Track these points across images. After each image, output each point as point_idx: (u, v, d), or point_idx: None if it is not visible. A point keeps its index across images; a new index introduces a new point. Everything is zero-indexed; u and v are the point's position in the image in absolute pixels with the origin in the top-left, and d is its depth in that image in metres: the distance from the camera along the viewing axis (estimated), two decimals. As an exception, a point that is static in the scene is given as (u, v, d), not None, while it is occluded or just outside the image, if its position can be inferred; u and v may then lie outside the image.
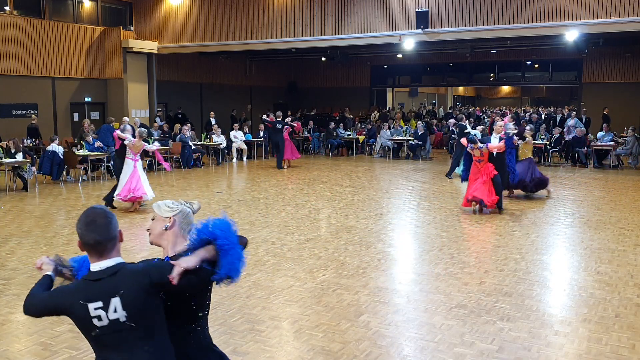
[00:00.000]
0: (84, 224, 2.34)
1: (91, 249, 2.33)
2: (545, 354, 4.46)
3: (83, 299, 2.26)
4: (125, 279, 2.28)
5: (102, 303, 2.25)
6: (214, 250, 2.38)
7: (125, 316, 2.26)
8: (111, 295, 2.25)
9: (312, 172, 16.07)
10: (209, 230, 2.39)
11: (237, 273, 2.41)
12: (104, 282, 2.27)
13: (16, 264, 6.97)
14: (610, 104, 22.00)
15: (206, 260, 2.36)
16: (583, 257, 7.28)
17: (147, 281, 2.28)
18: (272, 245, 7.83)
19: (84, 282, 2.33)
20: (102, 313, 2.25)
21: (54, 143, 13.90)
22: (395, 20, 17.02)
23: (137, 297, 2.27)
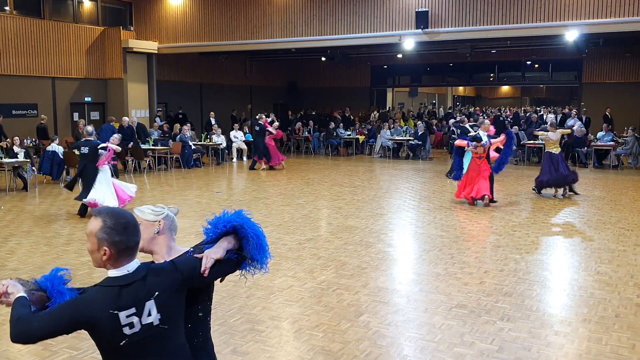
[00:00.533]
0: (120, 230, 2.10)
1: (126, 254, 2.13)
2: (545, 354, 4.46)
3: (114, 308, 2.06)
4: (158, 280, 2.16)
5: (135, 309, 2.09)
6: (234, 239, 2.35)
7: (159, 319, 2.14)
8: (146, 299, 2.12)
9: (312, 172, 16.07)
10: (227, 221, 2.35)
11: (265, 257, 2.39)
12: (137, 286, 2.11)
13: (16, 264, 6.97)
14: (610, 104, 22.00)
15: (229, 250, 2.33)
16: (583, 257, 7.28)
17: (179, 278, 2.20)
18: (272, 245, 7.81)
19: (111, 289, 2.09)
20: (134, 319, 2.09)
21: (54, 143, 13.90)
22: (395, 20, 17.02)
23: (170, 297, 2.17)
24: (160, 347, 2.16)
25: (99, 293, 2.10)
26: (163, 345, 2.16)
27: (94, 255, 2.15)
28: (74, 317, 2.04)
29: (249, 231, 2.35)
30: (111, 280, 2.12)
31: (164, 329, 2.15)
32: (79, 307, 2.06)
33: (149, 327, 2.11)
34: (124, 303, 2.07)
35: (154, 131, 18.54)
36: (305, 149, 22.17)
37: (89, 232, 2.13)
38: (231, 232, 2.36)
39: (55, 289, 2.28)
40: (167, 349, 2.18)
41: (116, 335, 2.06)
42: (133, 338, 2.09)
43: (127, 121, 16.66)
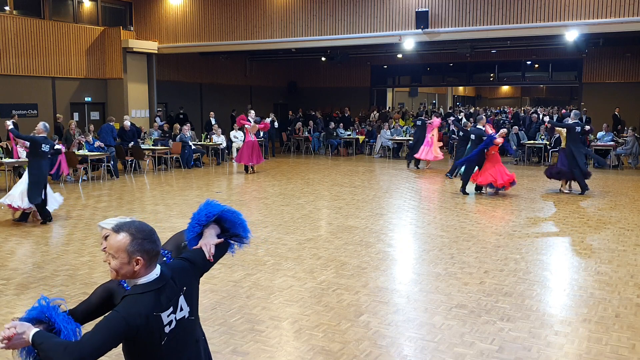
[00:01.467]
0: (149, 239, 2.20)
1: (156, 259, 2.23)
2: (545, 354, 4.46)
3: (157, 311, 2.14)
4: (182, 276, 2.30)
5: (172, 308, 2.21)
6: (217, 226, 2.56)
7: (189, 311, 2.28)
8: (177, 296, 2.25)
9: (312, 172, 16.07)
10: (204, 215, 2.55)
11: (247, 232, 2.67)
12: (169, 286, 2.23)
13: (16, 264, 6.97)
14: (610, 104, 22.02)
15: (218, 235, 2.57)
16: (583, 257, 7.28)
17: (196, 269, 2.38)
18: (272, 245, 7.83)
19: (148, 294, 2.16)
20: (172, 317, 2.21)
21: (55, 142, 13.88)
22: (395, 20, 17.02)
23: (193, 288, 2.33)
24: (188, 339, 2.30)
25: (139, 301, 2.14)
26: (190, 337, 2.32)
27: (123, 270, 2.17)
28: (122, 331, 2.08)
29: (231, 216, 2.58)
30: (145, 286, 2.18)
31: (192, 320, 2.32)
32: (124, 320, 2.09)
33: (182, 321, 2.24)
34: (164, 304, 2.18)
35: (154, 131, 18.54)
36: (305, 149, 22.17)
37: (116, 249, 2.16)
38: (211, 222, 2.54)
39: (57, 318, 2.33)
40: (192, 339, 2.34)
41: (158, 336, 2.16)
42: (172, 335, 2.20)
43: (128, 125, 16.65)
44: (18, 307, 5.50)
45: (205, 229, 2.55)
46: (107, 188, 13.11)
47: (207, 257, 2.42)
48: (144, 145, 16.51)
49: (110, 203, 11.22)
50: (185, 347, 2.29)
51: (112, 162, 14.81)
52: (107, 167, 14.56)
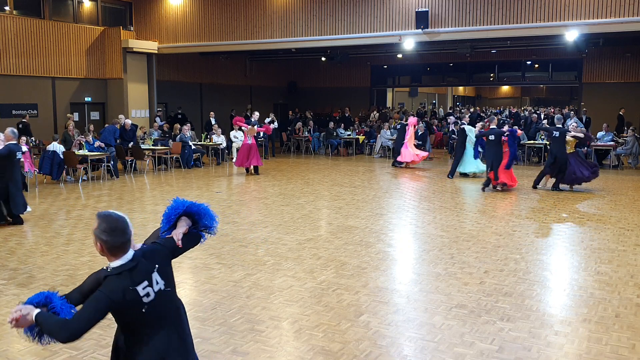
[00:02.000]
0: (109, 232, 2.62)
1: (117, 250, 2.64)
2: (545, 354, 4.46)
3: (132, 285, 2.61)
4: (154, 256, 2.76)
5: (147, 281, 2.67)
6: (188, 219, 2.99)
7: (164, 284, 2.74)
8: (151, 272, 2.70)
9: (312, 172, 16.07)
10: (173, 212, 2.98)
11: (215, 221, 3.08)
12: (141, 265, 2.68)
13: (16, 264, 6.97)
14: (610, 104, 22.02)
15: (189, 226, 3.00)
16: (583, 257, 7.28)
17: (167, 252, 2.85)
18: (272, 245, 7.83)
19: (123, 274, 2.62)
20: (149, 290, 2.67)
21: (55, 142, 13.92)
22: (395, 20, 17.02)
23: (166, 266, 2.80)
24: (169, 306, 2.77)
25: (115, 280, 2.60)
26: (171, 305, 2.79)
27: (96, 248, 2.68)
28: (106, 306, 2.55)
29: (196, 209, 3.00)
30: (119, 268, 2.63)
31: (169, 291, 2.77)
32: (107, 297, 2.55)
33: (159, 292, 2.70)
34: (138, 279, 2.63)
35: (154, 131, 18.54)
36: (305, 149, 22.17)
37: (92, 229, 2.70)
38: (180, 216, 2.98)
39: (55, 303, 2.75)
40: (173, 307, 2.82)
41: (138, 305, 2.62)
42: (150, 304, 2.66)
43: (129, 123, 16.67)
44: (18, 307, 5.50)
45: (177, 222, 2.97)
46: (107, 188, 13.11)
47: (177, 244, 2.86)
48: (144, 145, 16.51)
49: (110, 203, 11.22)
50: (167, 314, 2.77)
51: (112, 162, 14.81)
52: (107, 167, 14.56)
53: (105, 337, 4.76)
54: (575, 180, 12.24)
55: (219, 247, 7.66)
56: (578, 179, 12.19)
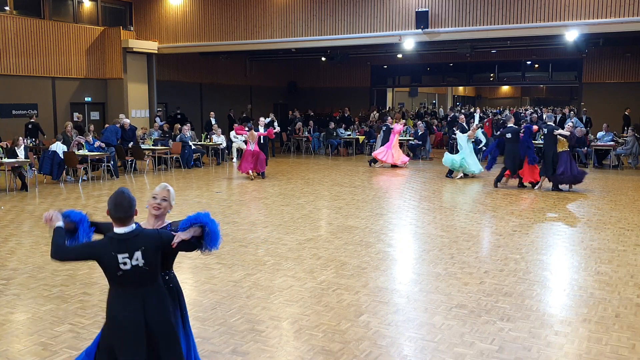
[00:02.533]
0: (113, 205, 3.24)
1: (118, 221, 3.26)
2: (545, 354, 4.46)
3: (114, 251, 3.21)
4: (145, 239, 3.29)
5: (128, 255, 3.22)
6: (201, 230, 3.45)
7: (143, 263, 3.25)
8: (136, 250, 3.24)
9: (312, 172, 16.07)
10: (198, 218, 3.47)
11: (217, 246, 3.52)
12: (130, 241, 3.24)
13: (16, 264, 6.97)
14: (610, 104, 22.02)
15: (194, 236, 3.44)
16: (583, 257, 7.28)
17: (159, 242, 3.32)
18: (272, 245, 7.83)
19: (115, 239, 3.24)
20: (127, 261, 3.22)
21: (59, 142, 13.95)
22: (395, 20, 17.02)
23: (151, 252, 3.28)
24: (144, 281, 3.30)
25: (107, 242, 3.27)
26: (146, 280, 3.31)
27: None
28: (91, 253, 3.27)
29: (210, 228, 3.47)
30: (115, 234, 3.26)
31: (146, 269, 3.27)
32: (95, 248, 3.28)
33: (136, 267, 3.24)
34: (120, 249, 3.22)
35: (154, 131, 18.54)
36: (305, 149, 22.17)
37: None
38: (200, 225, 3.46)
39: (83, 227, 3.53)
40: (147, 282, 3.32)
41: (114, 268, 3.22)
42: (127, 272, 3.23)
43: (128, 122, 16.67)
44: (18, 307, 5.50)
45: (192, 227, 3.44)
46: (107, 188, 13.11)
47: (172, 244, 3.34)
48: (144, 145, 16.51)
49: (110, 203, 11.21)
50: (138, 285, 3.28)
51: (112, 162, 14.81)
52: (107, 167, 14.56)
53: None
54: (558, 179, 12.21)
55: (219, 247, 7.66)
56: (559, 177, 12.16)
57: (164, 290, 3.41)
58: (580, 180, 12.27)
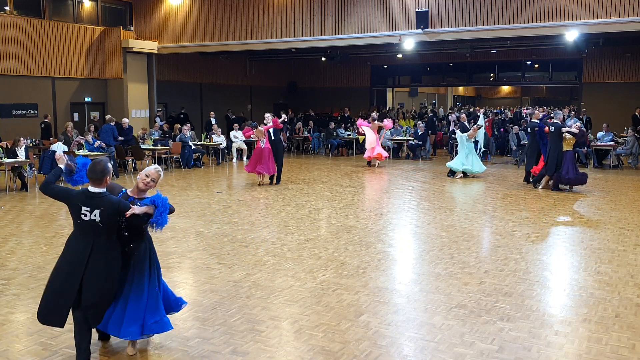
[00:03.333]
0: (90, 168, 4.18)
1: (91, 181, 4.16)
2: (545, 354, 4.46)
3: (80, 203, 4.12)
4: (106, 203, 4.12)
5: (89, 209, 4.10)
6: (154, 210, 4.23)
7: (99, 220, 4.10)
8: (96, 207, 4.10)
9: (312, 172, 16.07)
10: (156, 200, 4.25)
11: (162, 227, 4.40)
12: (95, 199, 4.12)
13: (16, 264, 6.97)
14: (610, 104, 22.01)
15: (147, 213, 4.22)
16: (583, 257, 7.28)
17: (116, 208, 4.13)
18: (272, 245, 7.83)
19: (84, 194, 4.13)
20: (87, 213, 4.11)
21: (60, 142, 13.94)
22: (395, 20, 17.02)
23: (108, 214, 4.11)
24: (96, 233, 4.14)
25: (80, 193, 4.15)
26: (98, 233, 4.15)
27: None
28: (64, 197, 4.20)
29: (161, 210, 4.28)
30: (87, 191, 4.14)
31: (100, 225, 4.11)
32: (68, 195, 4.19)
33: (93, 220, 4.11)
34: (85, 203, 4.12)
35: (154, 131, 18.55)
36: (305, 149, 22.17)
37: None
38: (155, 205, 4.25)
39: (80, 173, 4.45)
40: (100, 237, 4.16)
41: (77, 215, 4.14)
42: (84, 222, 4.13)
43: (127, 122, 16.67)
44: (18, 307, 5.50)
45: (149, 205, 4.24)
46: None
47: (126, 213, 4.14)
48: (144, 145, 16.51)
49: (110, 203, 11.21)
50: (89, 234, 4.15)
51: (112, 162, 14.80)
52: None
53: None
54: (560, 179, 12.21)
55: (219, 247, 7.67)
56: (562, 178, 12.15)
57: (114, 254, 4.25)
58: (583, 182, 12.26)
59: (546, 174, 12.50)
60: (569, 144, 12.24)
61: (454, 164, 14.65)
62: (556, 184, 12.35)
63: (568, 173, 12.06)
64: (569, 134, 12.16)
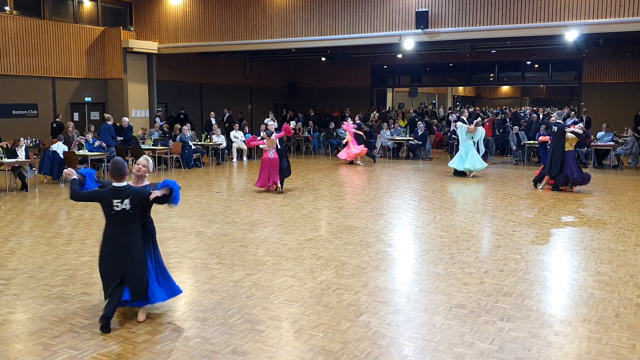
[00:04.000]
0: (113, 168, 5.00)
1: (115, 178, 4.99)
2: (545, 354, 4.46)
3: (111, 198, 4.93)
4: (133, 192, 4.98)
5: (120, 200, 4.93)
6: (169, 192, 5.12)
7: (129, 207, 4.95)
8: (126, 198, 4.94)
9: (312, 172, 16.07)
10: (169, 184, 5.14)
11: (177, 204, 5.24)
12: (123, 192, 4.95)
13: (16, 264, 6.97)
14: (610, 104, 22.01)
15: (165, 194, 5.11)
16: (583, 257, 7.28)
17: (142, 195, 5.01)
18: (272, 245, 7.83)
19: (112, 190, 4.95)
20: (119, 204, 4.93)
21: (61, 142, 13.92)
22: (395, 20, 17.03)
23: (136, 202, 4.98)
24: (127, 218, 4.99)
25: (108, 190, 4.96)
26: (129, 218, 5.00)
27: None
28: (96, 197, 5.02)
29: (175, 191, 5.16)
30: (114, 186, 4.96)
31: (130, 212, 4.97)
32: (99, 194, 5.02)
33: (124, 209, 4.94)
34: (115, 197, 4.93)
35: (154, 131, 18.55)
36: (305, 149, 22.17)
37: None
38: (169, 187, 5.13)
39: (90, 179, 5.30)
40: (131, 222, 5.03)
41: (110, 208, 4.95)
42: (117, 212, 4.95)
43: (127, 121, 16.68)
44: (18, 307, 5.50)
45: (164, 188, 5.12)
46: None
47: (149, 197, 5.02)
48: (144, 145, 16.51)
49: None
50: (126, 223, 5.00)
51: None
52: (107, 167, 14.56)
53: (105, 337, 4.76)
54: (564, 180, 12.19)
55: (219, 247, 7.67)
56: (566, 179, 12.14)
57: (138, 229, 5.11)
58: (587, 182, 12.24)
59: (549, 174, 12.46)
60: (571, 144, 12.23)
61: (456, 164, 14.65)
62: (556, 184, 12.34)
63: (573, 173, 12.06)
64: (573, 134, 12.16)
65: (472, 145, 14.62)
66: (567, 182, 12.20)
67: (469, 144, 14.56)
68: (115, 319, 5.13)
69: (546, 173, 12.56)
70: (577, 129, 12.30)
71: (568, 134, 12.18)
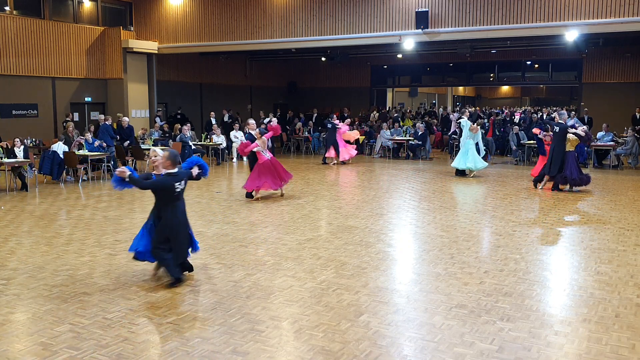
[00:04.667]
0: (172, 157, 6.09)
1: (172, 165, 6.08)
2: (545, 354, 4.46)
3: (173, 182, 6.05)
4: (185, 174, 6.20)
5: (180, 182, 6.10)
6: (198, 168, 6.40)
7: (183, 187, 6.19)
8: (183, 179, 6.14)
9: (312, 172, 16.07)
10: (195, 161, 6.50)
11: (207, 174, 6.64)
12: (180, 175, 6.12)
13: (16, 264, 6.97)
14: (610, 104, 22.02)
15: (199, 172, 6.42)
16: (583, 257, 7.28)
17: (189, 175, 6.29)
18: (272, 245, 7.83)
19: (170, 176, 6.06)
20: (179, 186, 6.11)
21: (61, 142, 13.92)
22: (395, 20, 17.03)
23: (187, 180, 6.26)
24: (181, 195, 6.22)
25: (166, 177, 6.09)
26: (181, 195, 6.24)
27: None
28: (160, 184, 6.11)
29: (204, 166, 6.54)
30: (171, 172, 6.08)
31: (183, 190, 6.21)
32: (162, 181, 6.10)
33: (181, 190, 6.18)
34: (176, 180, 6.09)
35: (154, 131, 18.54)
36: (305, 149, 22.17)
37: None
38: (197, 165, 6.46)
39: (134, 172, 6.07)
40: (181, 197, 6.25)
41: (172, 191, 6.08)
42: (178, 192, 6.13)
43: (127, 121, 16.68)
44: (18, 307, 5.50)
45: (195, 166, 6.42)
46: (107, 188, 13.11)
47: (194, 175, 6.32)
48: (144, 145, 16.50)
49: (111, 203, 11.22)
50: (182, 198, 6.24)
51: (112, 162, 14.80)
52: (107, 167, 14.56)
53: (105, 337, 4.76)
54: (563, 180, 12.20)
55: (219, 247, 7.67)
56: (566, 179, 12.15)
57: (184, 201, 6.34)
58: (587, 183, 12.24)
59: (549, 173, 12.46)
60: (572, 145, 12.23)
61: (458, 163, 14.67)
62: (556, 184, 12.34)
63: (572, 174, 12.05)
64: (574, 135, 12.15)
65: (473, 145, 14.64)
66: (565, 182, 12.20)
67: (469, 143, 14.58)
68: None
69: (546, 172, 12.56)
70: (580, 130, 12.31)
71: (569, 135, 12.18)
